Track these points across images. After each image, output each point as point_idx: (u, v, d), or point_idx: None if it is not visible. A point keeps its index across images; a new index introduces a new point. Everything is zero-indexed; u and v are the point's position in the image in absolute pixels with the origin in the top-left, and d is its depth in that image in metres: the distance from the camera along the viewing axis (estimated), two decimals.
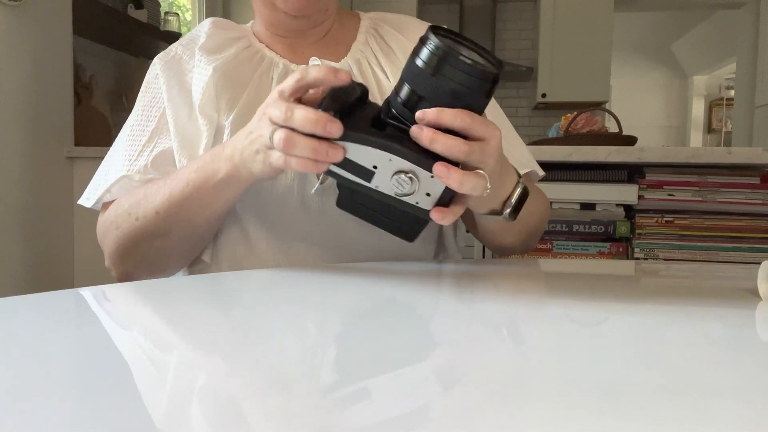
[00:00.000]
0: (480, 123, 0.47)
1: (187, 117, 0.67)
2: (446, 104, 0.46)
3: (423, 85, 0.46)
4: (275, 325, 0.37)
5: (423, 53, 0.46)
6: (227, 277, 0.55)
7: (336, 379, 0.27)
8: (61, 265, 1.93)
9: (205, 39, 0.70)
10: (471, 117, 0.46)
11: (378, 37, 0.74)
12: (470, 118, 0.46)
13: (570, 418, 0.23)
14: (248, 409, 0.24)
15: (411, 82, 0.47)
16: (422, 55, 0.46)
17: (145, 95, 0.71)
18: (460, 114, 0.45)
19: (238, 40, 0.71)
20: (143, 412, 0.23)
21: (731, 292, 0.50)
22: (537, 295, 0.47)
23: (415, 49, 0.47)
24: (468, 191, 0.47)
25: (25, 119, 1.78)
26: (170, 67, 0.70)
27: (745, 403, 0.24)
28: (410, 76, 0.47)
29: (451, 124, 0.45)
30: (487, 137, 0.47)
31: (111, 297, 0.44)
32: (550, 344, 0.33)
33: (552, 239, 1.48)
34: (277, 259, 0.65)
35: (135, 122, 0.70)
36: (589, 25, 3.73)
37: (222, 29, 0.72)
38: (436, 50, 0.45)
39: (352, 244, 0.66)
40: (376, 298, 0.45)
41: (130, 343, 0.33)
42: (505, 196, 0.56)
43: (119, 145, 0.71)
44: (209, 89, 0.66)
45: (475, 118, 0.46)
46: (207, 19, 0.75)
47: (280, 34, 0.72)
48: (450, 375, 0.28)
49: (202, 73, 0.67)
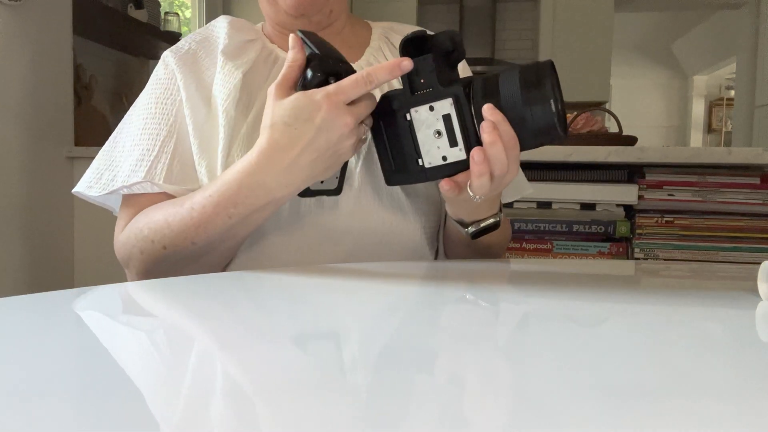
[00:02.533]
0: (514, 159, 0.52)
1: (205, 117, 0.65)
2: (513, 119, 0.51)
3: (509, 92, 0.50)
4: (282, 326, 0.37)
5: (531, 75, 0.50)
6: (229, 276, 0.55)
7: (335, 380, 0.27)
8: (61, 265, 1.93)
9: (226, 41, 0.68)
10: (515, 149, 0.51)
11: (390, 45, 0.75)
12: (514, 149, 0.51)
13: (570, 418, 0.23)
14: (249, 408, 0.24)
15: (503, 83, 0.51)
16: (529, 75, 0.50)
17: (157, 88, 0.68)
18: (512, 140, 0.51)
19: (254, 42, 0.71)
20: (143, 412, 0.23)
21: (731, 292, 0.50)
22: (537, 295, 0.47)
23: (531, 64, 0.51)
24: (476, 183, 0.52)
25: (25, 119, 1.78)
26: (185, 63, 0.68)
27: (745, 403, 0.24)
28: (506, 79, 0.51)
29: (503, 135, 0.51)
30: (511, 173, 0.53)
31: (111, 297, 0.44)
32: (550, 344, 0.33)
33: (552, 239, 1.48)
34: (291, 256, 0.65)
35: (149, 115, 0.66)
36: (589, 25, 3.74)
37: (238, 30, 0.71)
38: (546, 87, 0.49)
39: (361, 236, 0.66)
40: (379, 299, 0.45)
41: (130, 343, 0.33)
42: (478, 217, 0.60)
43: (131, 136, 0.67)
44: (235, 93, 0.64)
45: (516, 151, 0.52)
46: (220, 17, 0.73)
47: (288, 34, 0.72)
48: (449, 375, 0.28)
49: (229, 77, 0.65)
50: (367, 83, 0.51)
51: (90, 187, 0.67)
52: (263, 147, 0.54)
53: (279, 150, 0.53)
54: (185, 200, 0.59)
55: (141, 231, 0.61)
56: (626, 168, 1.46)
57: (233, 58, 0.67)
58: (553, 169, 1.46)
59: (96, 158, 0.70)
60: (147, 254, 0.61)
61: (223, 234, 0.58)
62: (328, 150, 0.53)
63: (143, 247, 0.61)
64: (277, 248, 0.65)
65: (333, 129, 0.52)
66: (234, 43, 0.69)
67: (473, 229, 0.60)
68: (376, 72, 0.51)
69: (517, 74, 0.50)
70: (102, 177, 0.66)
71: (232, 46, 0.68)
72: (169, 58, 0.69)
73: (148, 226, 0.60)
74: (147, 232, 0.60)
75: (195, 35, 0.72)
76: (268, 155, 0.54)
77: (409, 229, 0.68)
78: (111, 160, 0.67)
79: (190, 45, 0.70)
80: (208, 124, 0.65)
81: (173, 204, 0.60)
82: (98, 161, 0.69)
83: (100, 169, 0.68)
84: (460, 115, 0.52)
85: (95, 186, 0.66)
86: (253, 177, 0.55)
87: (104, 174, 0.66)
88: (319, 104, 0.51)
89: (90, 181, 0.67)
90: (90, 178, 0.68)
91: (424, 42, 0.52)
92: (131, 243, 0.62)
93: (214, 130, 0.65)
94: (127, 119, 0.70)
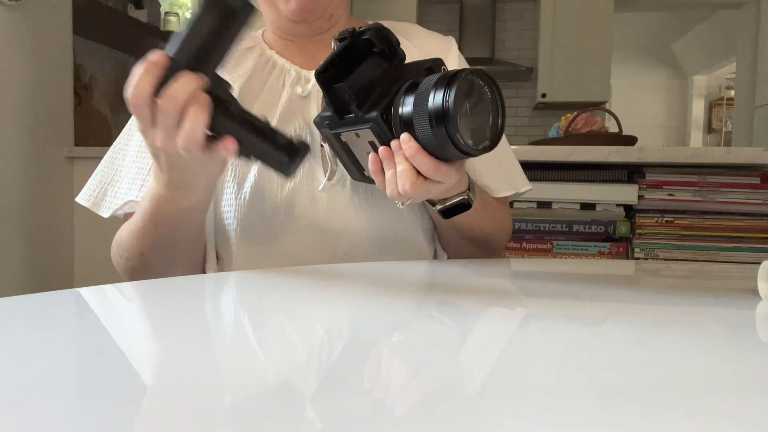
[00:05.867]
0: (444, 173, 0.51)
1: None
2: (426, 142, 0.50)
3: (420, 118, 0.49)
4: (280, 326, 0.37)
5: (437, 97, 0.47)
6: (230, 276, 0.55)
7: (333, 380, 0.27)
8: (61, 265, 1.93)
9: None
10: (436, 169, 0.50)
11: None
12: (435, 170, 0.50)
13: (570, 418, 0.23)
14: (249, 409, 0.24)
15: (415, 105, 0.49)
16: (436, 97, 0.47)
17: None
18: (429, 164, 0.50)
19: (252, 51, 0.71)
20: (143, 412, 0.23)
21: (731, 292, 0.50)
22: (537, 295, 0.47)
23: (440, 81, 0.48)
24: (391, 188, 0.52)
25: (25, 119, 1.78)
26: None
27: (745, 403, 0.24)
28: (417, 101, 0.49)
29: (419, 168, 0.50)
30: (444, 182, 0.52)
31: (111, 297, 0.44)
32: (550, 344, 0.33)
33: (552, 239, 1.48)
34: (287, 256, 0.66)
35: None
36: (589, 25, 3.73)
37: None
38: (441, 107, 0.47)
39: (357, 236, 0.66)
40: (378, 299, 0.45)
41: (130, 343, 0.33)
42: (444, 196, 0.60)
43: (129, 153, 0.70)
44: None
45: (439, 169, 0.50)
46: None
47: (288, 39, 0.72)
48: (449, 375, 0.28)
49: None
50: (133, 102, 0.46)
51: (96, 204, 0.70)
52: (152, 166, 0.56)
53: (156, 171, 0.54)
54: (137, 214, 0.62)
55: (113, 247, 0.67)
56: (626, 168, 1.46)
57: (230, 70, 0.68)
58: (553, 169, 1.46)
59: (99, 168, 0.72)
60: (121, 267, 0.66)
61: (162, 242, 0.60)
62: (178, 167, 0.51)
63: (117, 261, 0.67)
64: (274, 250, 0.66)
65: (158, 154, 0.50)
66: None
67: (440, 206, 0.60)
68: (137, 85, 0.46)
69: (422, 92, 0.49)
70: (107, 193, 0.70)
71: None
72: None
73: (117, 242, 0.66)
74: (116, 248, 0.66)
75: None
76: (155, 176, 0.55)
77: (405, 228, 0.68)
78: (113, 173, 0.70)
79: None
80: None
81: (132, 219, 0.64)
82: (101, 173, 0.72)
83: (104, 182, 0.71)
84: (382, 140, 0.52)
85: (101, 203, 0.70)
86: (156, 192, 0.56)
87: (108, 190, 0.70)
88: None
89: (95, 193, 0.70)
90: (94, 190, 0.71)
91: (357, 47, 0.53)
92: (114, 256, 0.68)
93: None
94: (127, 132, 0.72)
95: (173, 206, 0.56)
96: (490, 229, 0.70)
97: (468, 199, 0.60)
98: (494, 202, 0.72)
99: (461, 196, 0.59)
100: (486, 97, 0.50)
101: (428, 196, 0.54)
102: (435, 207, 0.60)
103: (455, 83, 0.47)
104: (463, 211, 0.60)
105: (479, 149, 0.49)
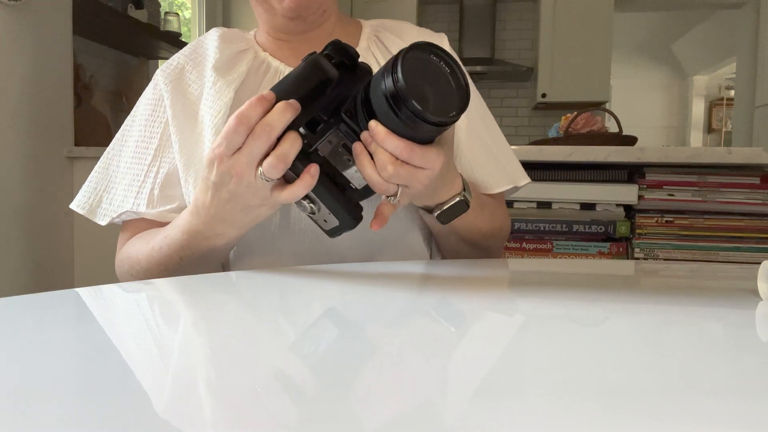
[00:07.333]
0: (420, 155, 0.50)
1: (191, 132, 0.66)
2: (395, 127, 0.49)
3: (379, 105, 0.48)
4: (281, 326, 0.37)
5: (387, 80, 0.47)
6: (230, 276, 0.55)
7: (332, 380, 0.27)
8: (61, 265, 1.93)
9: (217, 56, 0.69)
10: (410, 150, 0.49)
11: (379, 43, 0.74)
12: (408, 152, 0.49)
13: (570, 418, 0.23)
14: (249, 409, 0.24)
15: (373, 96, 0.49)
16: (387, 81, 0.47)
17: (146, 109, 0.71)
18: (401, 146, 0.49)
19: (245, 53, 0.71)
20: (143, 412, 0.23)
21: (731, 292, 0.50)
22: (537, 295, 0.47)
23: (387, 66, 0.48)
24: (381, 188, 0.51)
25: (25, 119, 1.78)
26: (173, 80, 0.70)
27: (745, 403, 0.24)
28: (373, 91, 0.49)
29: (392, 152, 0.49)
30: (427, 167, 0.50)
31: (111, 297, 0.44)
32: (550, 344, 0.33)
33: (552, 239, 1.48)
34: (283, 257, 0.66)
35: (139, 137, 0.70)
36: (589, 25, 3.73)
37: (229, 43, 0.71)
38: (394, 87, 0.46)
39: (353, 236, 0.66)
40: (376, 300, 0.45)
41: (130, 343, 0.33)
42: (440, 200, 0.59)
43: (123, 159, 0.70)
44: (225, 110, 0.65)
45: (413, 151, 0.49)
46: (212, 29, 0.74)
47: (282, 39, 0.72)
48: (449, 375, 0.28)
49: (220, 94, 0.66)
50: (239, 125, 0.48)
51: (92, 211, 0.70)
52: (194, 201, 0.56)
53: (201, 205, 0.55)
54: (156, 236, 0.62)
55: (123, 264, 0.67)
56: (626, 168, 1.46)
57: (225, 74, 0.68)
58: (553, 169, 1.46)
59: (92, 175, 0.72)
60: (125, 281, 0.66)
61: (182, 271, 0.60)
62: (237, 199, 0.52)
63: (125, 278, 0.67)
64: (270, 252, 0.66)
65: (226, 182, 0.51)
66: (225, 56, 0.69)
67: (438, 212, 0.60)
68: (247, 112, 0.48)
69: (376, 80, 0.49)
70: (102, 201, 0.70)
71: (223, 59, 0.69)
72: (159, 77, 0.71)
73: (128, 262, 0.66)
74: (127, 267, 0.66)
75: (185, 49, 0.73)
76: (195, 210, 0.56)
77: (402, 228, 0.68)
78: (108, 180, 0.71)
79: (178, 60, 0.72)
80: (193, 138, 0.66)
81: (147, 239, 0.64)
82: (96, 180, 0.72)
83: (99, 189, 0.71)
84: (352, 138, 0.52)
85: (97, 210, 0.70)
86: (192, 227, 0.57)
87: (104, 197, 0.70)
88: (212, 160, 0.51)
89: (90, 200, 0.71)
90: (89, 198, 0.71)
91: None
92: (121, 269, 0.68)
93: (200, 144, 0.66)
94: (121, 138, 0.72)
95: (207, 243, 0.57)
96: (490, 230, 0.70)
97: (464, 200, 0.59)
98: (492, 201, 0.71)
99: (457, 197, 0.59)
100: (442, 69, 0.50)
101: (416, 185, 0.52)
102: (433, 213, 0.60)
103: (399, 61, 0.47)
104: (461, 212, 0.60)
105: (451, 117, 0.49)
